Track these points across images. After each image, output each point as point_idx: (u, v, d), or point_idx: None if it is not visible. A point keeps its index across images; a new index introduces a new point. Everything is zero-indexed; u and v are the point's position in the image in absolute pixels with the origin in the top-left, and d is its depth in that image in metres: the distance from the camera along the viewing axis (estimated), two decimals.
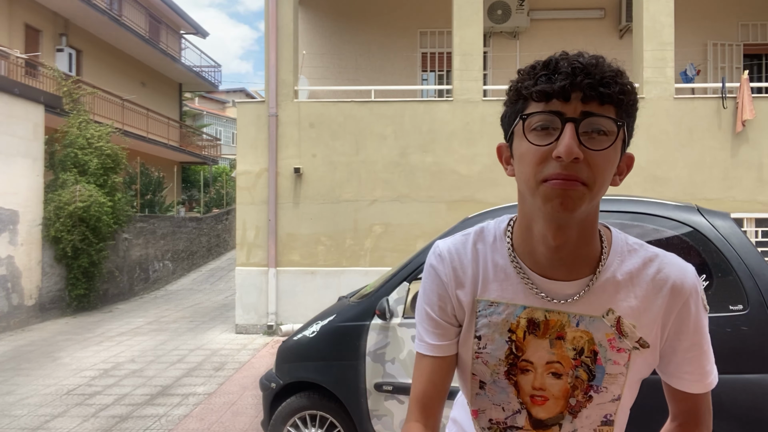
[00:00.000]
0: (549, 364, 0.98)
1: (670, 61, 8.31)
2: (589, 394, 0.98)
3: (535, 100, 0.87)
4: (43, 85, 13.14)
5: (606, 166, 0.87)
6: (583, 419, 1.00)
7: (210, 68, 25.74)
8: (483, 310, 1.00)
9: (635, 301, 0.96)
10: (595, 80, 0.84)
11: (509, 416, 1.02)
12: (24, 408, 5.31)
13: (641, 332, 0.96)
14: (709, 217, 2.91)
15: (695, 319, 0.98)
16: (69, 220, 10.16)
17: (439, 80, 11.27)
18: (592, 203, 0.89)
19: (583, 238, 0.94)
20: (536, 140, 0.86)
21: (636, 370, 0.98)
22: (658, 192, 7.96)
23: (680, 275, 0.97)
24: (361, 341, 3.28)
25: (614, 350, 0.96)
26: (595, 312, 0.96)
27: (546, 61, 0.88)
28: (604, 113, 0.85)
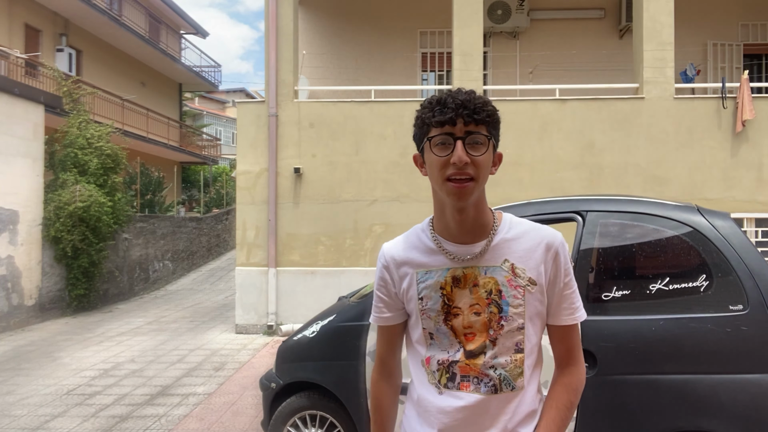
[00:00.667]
0: (471, 306, 1.37)
1: (670, 61, 8.30)
2: (501, 323, 1.36)
3: (434, 126, 1.31)
4: (43, 85, 13.14)
5: (485, 165, 1.32)
6: (500, 346, 1.36)
7: (210, 68, 25.74)
8: (421, 278, 1.42)
9: (522, 253, 1.37)
10: (470, 110, 1.28)
11: (451, 354, 1.39)
12: (24, 408, 5.31)
13: (530, 274, 1.36)
14: (709, 217, 2.91)
15: (565, 266, 1.39)
16: (69, 220, 10.16)
17: (439, 80, 11.27)
18: (479, 189, 1.33)
19: (477, 212, 1.37)
20: (438, 153, 1.31)
21: (531, 304, 1.36)
22: (658, 192, 7.96)
23: (550, 236, 1.40)
24: (361, 341, 3.28)
25: (512, 287, 1.36)
26: (496, 262, 1.37)
27: (438, 99, 1.32)
28: (479, 131, 1.30)
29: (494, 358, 1.35)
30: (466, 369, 1.37)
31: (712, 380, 2.67)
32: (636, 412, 2.73)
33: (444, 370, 1.39)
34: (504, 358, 1.35)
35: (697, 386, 2.68)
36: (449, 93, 1.31)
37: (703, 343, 2.71)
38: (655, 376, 2.73)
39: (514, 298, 1.35)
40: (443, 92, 1.33)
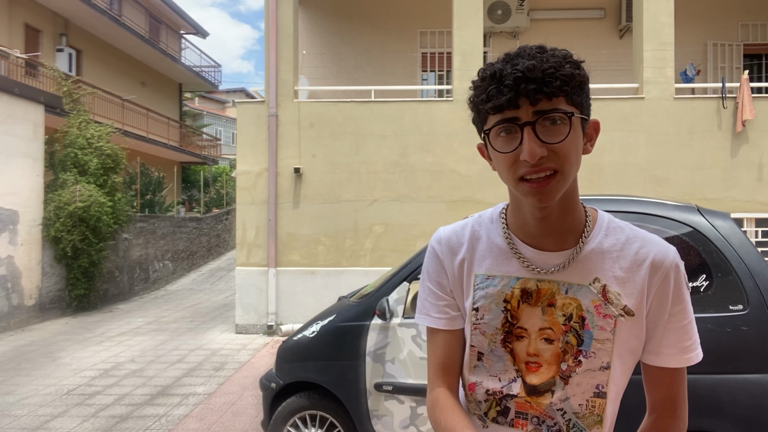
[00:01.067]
0: (541, 330, 1.06)
1: (670, 61, 8.31)
2: (579, 358, 1.05)
3: (491, 113, 0.98)
4: (43, 85, 13.14)
5: (570, 150, 0.97)
6: (575, 386, 1.05)
7: (210, 68, 25.75)
8: (480, 284, 1.11)
9: (620, 272, 1.05)
10: (537, 83, 0.93)
11: (505, 385, 1.09)
12: (24, 408, 5.31)
13: (626, 301, 1.04)
14: (709, 217, 2.91)
15: (675, 292, 1.05)
16: (69, 220, 10.16)
17: (439, 80, 11.27)
18: (568, 182, 0.99)
19: (565, 208, 1.05)
20: (502, 147, 0.98)
21: (623, 338, 1.05)
22: (658, 192, 7.96)
23: (661, 252, 1.06)
24: (361, 341, 3.28)
25: (600, 316, 1.04)
26: (582, 280, 1.05)
27: (492, 73, 0.97)
28: (554, 106, 0.95)
29: (564, 400, 1.06)
30: (525, 407, 1.08)
31: (712, 380, 2.67)
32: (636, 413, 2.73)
33: (495, 402, 1.10)
34: (578, 402, 1.06)
35: (697, 386, 2.67)
36: (508, 59, 0.97)
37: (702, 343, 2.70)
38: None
39: (600, 330, 1.04)
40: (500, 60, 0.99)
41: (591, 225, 1.07)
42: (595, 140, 1.06)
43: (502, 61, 0.97)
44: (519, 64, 0.94)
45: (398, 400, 3.21)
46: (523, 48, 0.98)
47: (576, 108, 0.98)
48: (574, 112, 0.97)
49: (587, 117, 1.02)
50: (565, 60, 0.96)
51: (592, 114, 1.05)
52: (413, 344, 3.20)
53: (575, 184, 1.04)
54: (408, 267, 3.38)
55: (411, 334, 3.21)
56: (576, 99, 0.98)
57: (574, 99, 0.97)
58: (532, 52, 0.96)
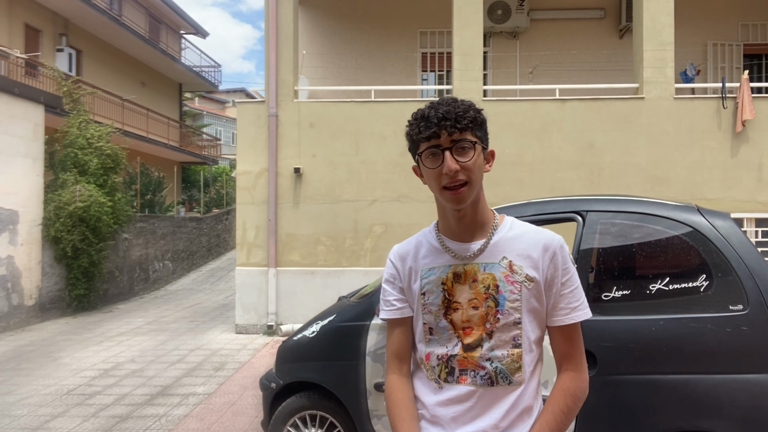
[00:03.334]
0: (470, 301, 1.43)
1: (670, 61, 8.30)
2: (497, 317, 1.41)
3: (422, 141, 1.41)
4: (43, 85, 13.15)
5: (474, 167, 1.39)
6: (497, 339, 1.40)
7: (210, 68, 25.75)
8: (425, 275, 1.50)
9: (520, 251, 1.44)
10: (452, 121, 1.36)
11: (449, 349, 1.44)
12: (24, 408, 5.31)
13: (527, 271, 1.42)
14: (709, 217, 2.91)
15: (562, 264, 1.43)
16: (69, 220, 10.16)
17: (439, 80, 11.27)
18: (475, 190, 1.41)
19: (476, 211, 1.46)
20: (430, 165, 1.40)
21: (527, 299, 1.41)
22: (658, 192, 7.96)
23: (549, 238, 1.45)
24: (361, 341, 3.28)
25: (509, 283, 1.41)
26: (494, 259, 1.44)
27: (421, 114, 1.40)
28: (464, 137, 1.37)
29: (491, 351, 1.40)
30: (464, 362, 1.42)
31: (712, 380, 2.67)
32: (636, 412, 2.73)
33: (443, 364, 1.44)
34: (501, 352, 1.40)
35: (697, 386, 2.68)
36: (432, 106, 1.40)
37: (703, 343, 2.71)
38: (655, 376, 2.73)
39: (510, 293, 1.40)
40: (426, 107, 1.41)
41: (499, 222, 1.48)
42: (492, 163, 1.47)
43: (429, 108, 1.39)
44: (440, 109, 1.37)
45: None
46: (442, 98, 1.42)
47: (478, 140, 1.40)
48: (477, 142, 1.39)
49: (486, 147, 1.45)
50: (470, 108, 1.39)
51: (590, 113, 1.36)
52: None
53: (481, 193, 1.46)
54: None
55: None
56: (478, 133, 1.40)
57: (476, 133, 1.40)
58: (448, 101, 1.40)
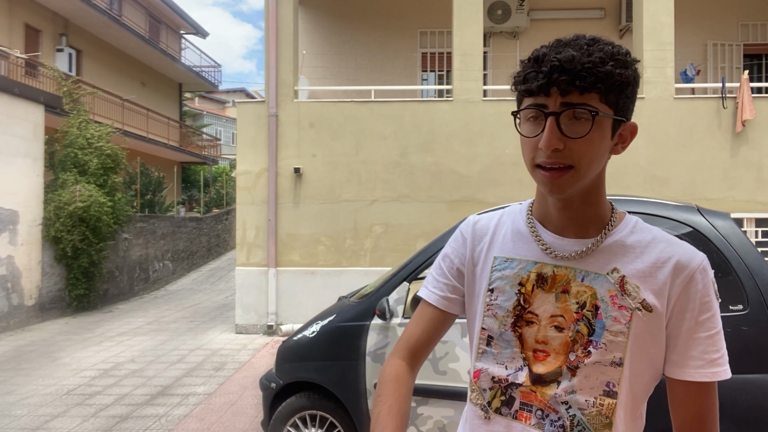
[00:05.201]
0: (552, 317, 1.03)
1: (670, 61, 8.31)
2: (588, 349, 1.00)
3: (525, 96, 0.99)
4: (43, 85, 13.14)
5: (588, 149, 0.96)
6: (582, 379, 1.00)
7: (210, 68, 25.75)
8: (498, 266, 1.11)
9: (641, 266, 1.00)
10: (570, 75, 0.93)
11: (511, 373, 1.06)
12: (24, 408, 5.31)
13: (645, 295, 0.99)
14: (709, 217, 2.91)
15: (701, 297, 0.98)
16: (69, 220, 10.16)
17: (439, 80, 11.27)
18: (585, 180, 0.99)
19: (587, 201, 1.04)
20: (527, 131, 0.99)
21: (638, 334, 0.98)
22: (658, 192, 7.97)
23: (687, 255, 1.00)
24: (361, 341, 3.28)
25: (615, 307, 0.99)
26: (600, 269, 1.02)
27: (536, 56, 0.98)
28: (584, 101, 0.94)
29: (570, 393, 1.01)
30: (530, 397, 1.04)
31: None
32: None
33: (499, 390, 1.07)
34: (584, 398, 1.00)
35: None
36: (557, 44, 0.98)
37: None
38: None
39: (614, 321, 0.99)
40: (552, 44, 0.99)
41: (617, 221, 1.05)
42: (629, 142, 1.06)
43: (550, 46, 0.98)
44: (562, 53, 0.94)
45: None
46: (577, 36, 0.98)
47: (610, 107, 0.97)
48: (601, 111, 0.95)
49: (623, 119, 1.01)
50: (612, 57, 0.96)
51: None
52: None
53: (600, 180, 1.04)
54: (408, 267, 3.38)
55: None
56: (611, 98, 0.97)
57: (609, 98, 0.96)
58: (581, 42, 0.96)
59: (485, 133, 8.44)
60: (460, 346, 3.10)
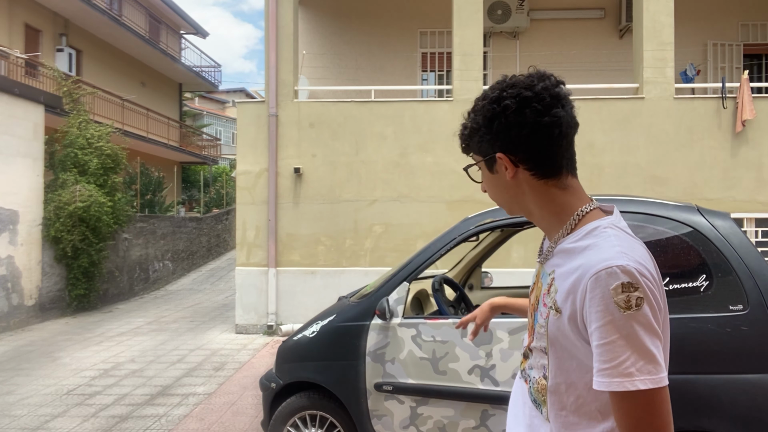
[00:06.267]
0: (531, 304, 1.27)
1: (670, 61, 8.30)
2: (532, 335, 1.22)
3: None
4: (43, 85, 13.14)
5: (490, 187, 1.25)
6: (533, 358, 1.23)
7: (210, 68, 25.75)
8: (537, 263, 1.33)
9: (565, 271, 1.11)
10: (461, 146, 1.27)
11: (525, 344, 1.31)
12: (24, 408, 5.31)
13: (557, 297, 1.11)
14: (709, 217, 2.91)
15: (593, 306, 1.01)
16: (69, 220, 10.16)
17: (439, 80, 11.27)
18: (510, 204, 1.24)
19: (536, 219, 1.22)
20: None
21: (552, 330, 1.12)
22: (658, 192, 7.96)
23: (593, 261, 1.04)
24: (361, 341, 3.28)
25: (542, 304, 1.18)
26: (548, 270, 1.19)
27: None
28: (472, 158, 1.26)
29: (530, 369, 1.24)
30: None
31: (712, 380, 2.67)
32: None
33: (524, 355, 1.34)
34: (534, 374, 1.22)
35: (697, 386, 2.67)
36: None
37: (703, 343, 2.71)
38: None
39: (540, 315, 1.18)
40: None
41: (570, 228, 1.15)
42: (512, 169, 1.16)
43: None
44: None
45: (398, 400, 3.21)
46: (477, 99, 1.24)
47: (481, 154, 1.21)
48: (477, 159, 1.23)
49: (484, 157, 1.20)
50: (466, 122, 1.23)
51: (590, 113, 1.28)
52: (413, 344, 3.20)
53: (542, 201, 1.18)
54: (408, 267, 3.38)
55: (411, 334, 3.21)
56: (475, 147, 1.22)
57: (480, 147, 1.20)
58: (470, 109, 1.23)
59: None
60: (460, 346, 3.10)
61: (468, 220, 3.46)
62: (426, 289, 3.94)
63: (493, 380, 3.02)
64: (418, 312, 3.72)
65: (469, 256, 4.51)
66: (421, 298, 3.90)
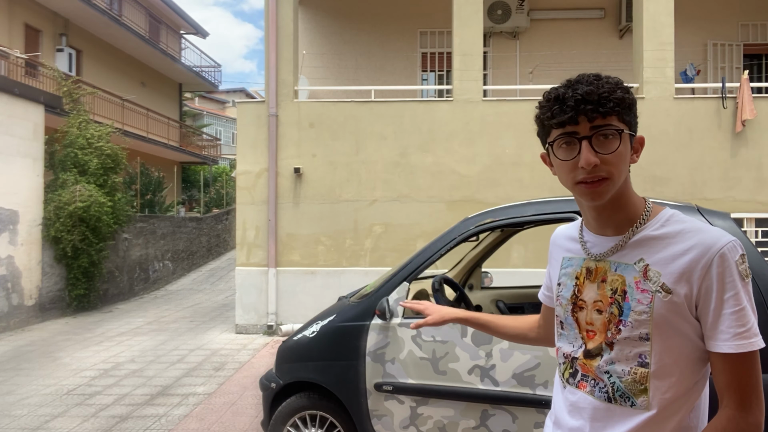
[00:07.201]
0: (595, 302, 1.28)
1: (670, 61, 8.30)
2: (619, 327, 1.22)
3: (555, 128, 1.21)
4: (43, 85, 13.14)
5: (619, 160, 1.19)
6: (618, 352, 1.23)
7: (210, 68, 25.75)
8: (564, 264, 1.39)
9: (664, 254, 1.20)
10: (594, 104, 1.16)
11: (574, 350, 1.32)
12: (24, 408, 5.31)
13: (665, 279, 1.18)
14: (709, 217, 2.91)
15: (722, 280, 1.14)
16: (69, 220, 10.16)
17: (439, 80, 11.27)
18: (617, 185, 1.20)
19: (616, 206, 1.25)
20: (564, 156, 1.21)
21: (662, 314, 1.17)
22: (658, 192, 7.96)
23: (707, 243, 1.16)
24: (361, 341, 3.28)
25: (639, 291, 1.20)
26: (629, 260, 1.24)
27: (556, 96, 1.20)
28: (607, 123, 1.17)
29: (610, 364, 1.24)
30: (585, 368, 1.29)
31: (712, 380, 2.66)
32: None
33: (569, 364, 1.33)
34: (621, 367, 1.23)
35: None
36: (569, 84, 1.20)
37: None
38: None
39: (638, 303, 1.20)
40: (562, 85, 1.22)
41: (646, 218, 1.25)
42: (640, 152, 1.28)
43: (565, 86, 1.20)
44: (579, 89, 1.17)
45: (398, 400, 3.21)
46: (582, 76, 1.20)
47: (626, 125, 1.20)
48: (624, 129, 1.19)
49: (634, 133, 1.25)
50: (617, 86, 1.18)
51: None
52: (413, 344, 3.20)
53: (626, 187, 1.24)
54: (408, 267, 3.38)
55: (411, 334, 3.21)
56: (626, 118, 1.20)
57: (624, 118, 1.20)
58: (590, 79, 1.18)
59: (485, 133, 8.44)
60: (460, 346, 3.10)
61: (468, 220, 3.46)
62: (426, 289, 3.93)
63: (493, 380, 3.02)
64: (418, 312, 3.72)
65: (469, 256, 4.51)
66: (421, 298, 3.90)
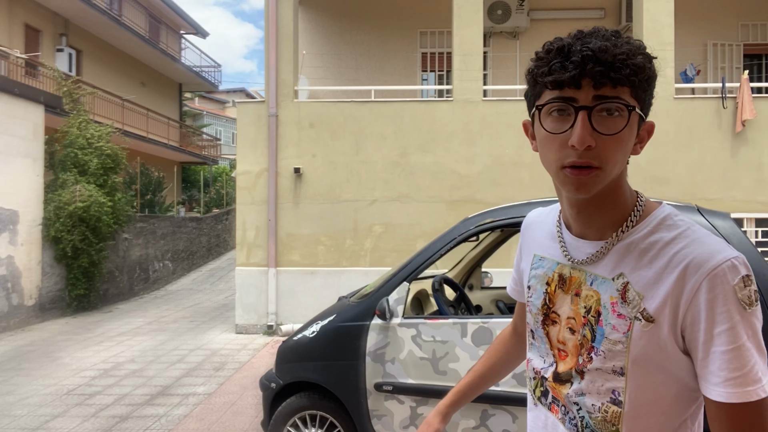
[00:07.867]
0: (568, 318, 1.03)
1: (670, 61, 8.30)
2: (591, 354, 0.97)
3: (549, 88, 0.91)
4: (43, 85, 13.14)
5: (618, 147, 0.89)
6: (589, 383, 0.98)
7: (210, 68, 25.75)
8: (535, 264, 1.13)
9: (649, 272, 0.92)
10: (606, 66, 0.86)
11: (544, 367, 1.08)
12: (24, 408, 5.31)
13: (648, 304, 0.91)
14: (709, 217, 2.91)
15: (714, 307, 0.85)
16: (69, 220, 10.16)
17: (439, 80, 11.27)
18: (609, 178, 0.92)
19: (604, 203, 0.97)
20: (552, 127, 0.91)
21: (640, 345, 0.91)
22: (658, 192, 7.96)
23: (704, 255, 0.87)
24: (361, 341, 3.28)
25: (615, 315, 0.94)
26: (608, 274, 0.97)
27: (560, 47, 0.90)
28: (617, 95, 0.88)
29: (579, 395, 1.00)
30: (555, 392, 1.05)
31: None
32: None
33: (539, 381, 1.10)
34: (592, 402, 0.98)
35: None
36: (580, 35, 0.90)
37: None
38: None
39: (612, 329, 0.94)
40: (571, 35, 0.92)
41: (636, 219, 0.96)
42: (646, 143, 0.97)
43: (573, 37, 0.90)
44: (591, 43, 0.87)
45: (398, 400, 3.21)
46: (597, 28, 0.91)
47: (638, 103, 0.90)
48: (635, 107, 0.89)
49: (645, 117, 0.94)
50: (639, 50, 0.89)
51: None
52: (413, 344, 3.20)
53: (619, 182, 0.96)
54: (408, 267, 3.38)
55: (411, 334, 3.21)
56: (640, 94, 0.90)
57: (638, 93, 0.90)
58: (606, 34, 0.89)
59: (485, 133, 8.44)
60: (460, 346, 3.10)
61: (468, 220, 3.46)
62: (426, 289, 3.94)
63: None
64: (418, 312, 3.72)
65: (469, 256, 4.51)
66: (421, 298, 3.90)
